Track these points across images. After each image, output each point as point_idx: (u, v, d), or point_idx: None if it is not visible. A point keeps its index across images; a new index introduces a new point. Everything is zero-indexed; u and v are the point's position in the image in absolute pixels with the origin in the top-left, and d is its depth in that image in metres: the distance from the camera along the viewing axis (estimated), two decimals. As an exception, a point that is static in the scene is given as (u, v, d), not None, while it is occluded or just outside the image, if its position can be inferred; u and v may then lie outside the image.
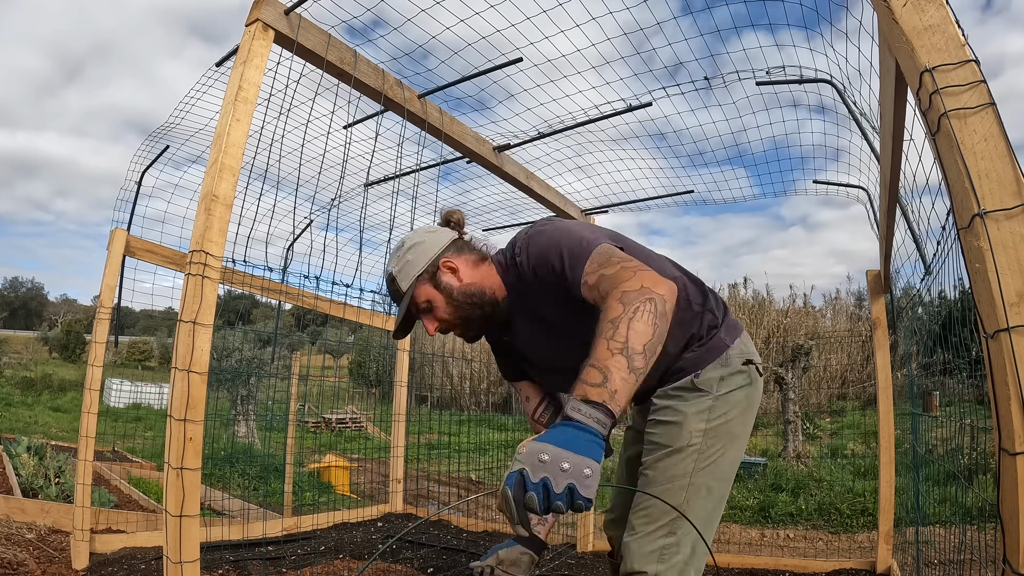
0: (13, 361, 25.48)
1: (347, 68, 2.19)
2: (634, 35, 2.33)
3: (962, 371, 3.58)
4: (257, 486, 6.88)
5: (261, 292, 3.64)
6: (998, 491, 0.87)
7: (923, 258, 2.45)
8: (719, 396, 1.33)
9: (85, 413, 2.81)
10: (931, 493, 2.94)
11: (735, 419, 1.34)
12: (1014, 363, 0.84)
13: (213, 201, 1.67)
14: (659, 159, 3.33)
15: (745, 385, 1.37)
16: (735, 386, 1.35)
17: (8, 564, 2.59)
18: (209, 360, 1.61)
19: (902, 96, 1.43)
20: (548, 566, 3.13)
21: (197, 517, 1.54)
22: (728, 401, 1.34)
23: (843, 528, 5.55)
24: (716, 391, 1.33)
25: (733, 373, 1.35)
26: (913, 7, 0.99)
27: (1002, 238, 0.88)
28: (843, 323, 16.21)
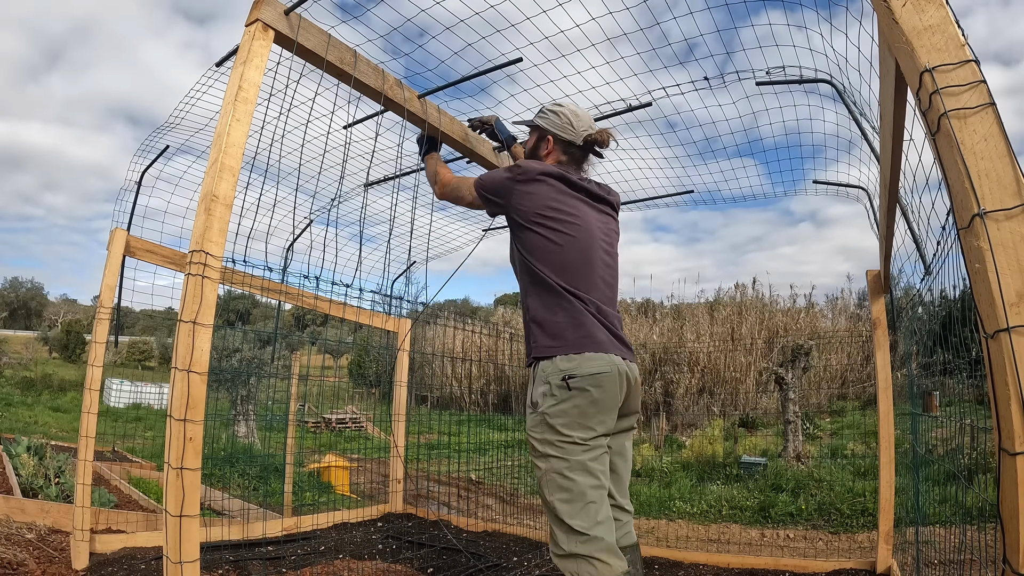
0: (13, 361, 25.48)
1: (347, 68, 2.19)
2: (634, 35, 2.33)
3: (962, 371, 3.57)
4: (257, 486, 6.88)
5: (261, 292, 3.64)
6: (998, 491, 0.87)
7: (923, 258, 2.45)
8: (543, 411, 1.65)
9: (85, 413, 2.81)
10: (931, 493, 2.94)
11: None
12: (1014, 363, 0.84)
13: (213, 201, 1.67)
14: (659, 159, 3.33)
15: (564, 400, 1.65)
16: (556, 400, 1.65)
17: (8, 564, 2.59)
18: (209, 360, 1.61)
19: (902, 96, 1.43)
20: (548, 566, 3.13)
21: (197, 517, 1.54)
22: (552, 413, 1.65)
23: (843, 528, 5.55)
24: (542, 407, 1.66)
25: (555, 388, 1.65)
26: (913, 7, 0.99)
27: (1002, 238, 0.88)
28: (843, 323, 16.20)
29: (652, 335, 15.48)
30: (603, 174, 3.55)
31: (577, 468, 1.60)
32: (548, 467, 1.62)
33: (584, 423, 1.63)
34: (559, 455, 1.62)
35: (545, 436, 1.63)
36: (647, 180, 3.59)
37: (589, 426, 1.63)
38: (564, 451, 1.61)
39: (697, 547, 4.86)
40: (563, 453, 1.61)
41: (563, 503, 1.59)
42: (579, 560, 1.55)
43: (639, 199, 3.81)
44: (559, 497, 1.59)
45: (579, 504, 1.58)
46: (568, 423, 1.62)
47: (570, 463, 1.61)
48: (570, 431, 1.62)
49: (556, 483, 1.60)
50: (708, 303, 16.31)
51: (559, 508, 1.59)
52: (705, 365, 13.78)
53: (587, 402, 1.63)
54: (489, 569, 2.97)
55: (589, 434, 1.63)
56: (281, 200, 3.43)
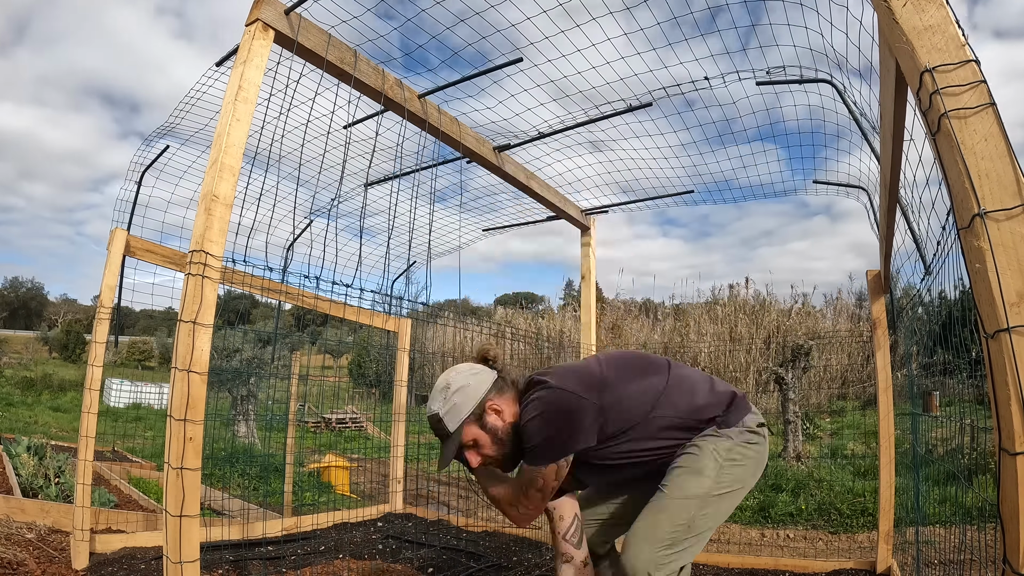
0: (13, 361, 25.48)
1: (347, 68, 2.19)
2: (635, 35, 2.33)
3: (962, 371, 3.57)
4: (257, 486, 6.88)
5: (261, 292, 3.63)
6: (998, 491, 0.87)
7: (923, 258, 2.45)
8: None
9: (85, 413, 2.81)
10: (931, 493, 2.94)
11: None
12: (1014, 363, 0.84)
13: (213, 201, 1.67)
14: (659, 159, 3.33)
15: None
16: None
17: (8, 564, 2.59)
18: (209, 360, 1.61)
19: (902, 96, 1.43)
20: (548, 566, 3.13)
21: (197, 517, 1.54)
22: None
23: (843, 528, 5.55)
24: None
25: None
26: (913, 7, 0.99)
27: (1002, 238, 0.88)
28: (844, 323, 16.19)
29: (653, 335, 15.49)
30: (612, 172, 3.55)
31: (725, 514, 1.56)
32: (716, 504, 1.51)
33: (755, 474, 1.61)
34: (733, 498, 1.55)
35: (736, 473, 1.53)
36: (647, 180, 3.59)
37: (754, 479, 1.62)
38: (736, 496, 1.56)
39: (697, 547, 4.85)
40: (735, 498, 1.56)
41: (698, 542, 1.51)
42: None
43: (639, 199, 3.81)
44: (697, 536, 1.50)
45: (700, 547, 1.53)
46: (754, 469, 1.59)
47: (730, 508, 1.56)
48: (751, 477, 1.59)
49: (709, 523, 1.51)
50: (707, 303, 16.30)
51: (691, 547, 1.48)
52: (705, 365, 13.77)
53: (761, 459, 1.62)
54: (489, 569, 2.97)
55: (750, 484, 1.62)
56: (281, 200, 3.43)
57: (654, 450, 1.58)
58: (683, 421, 1.58)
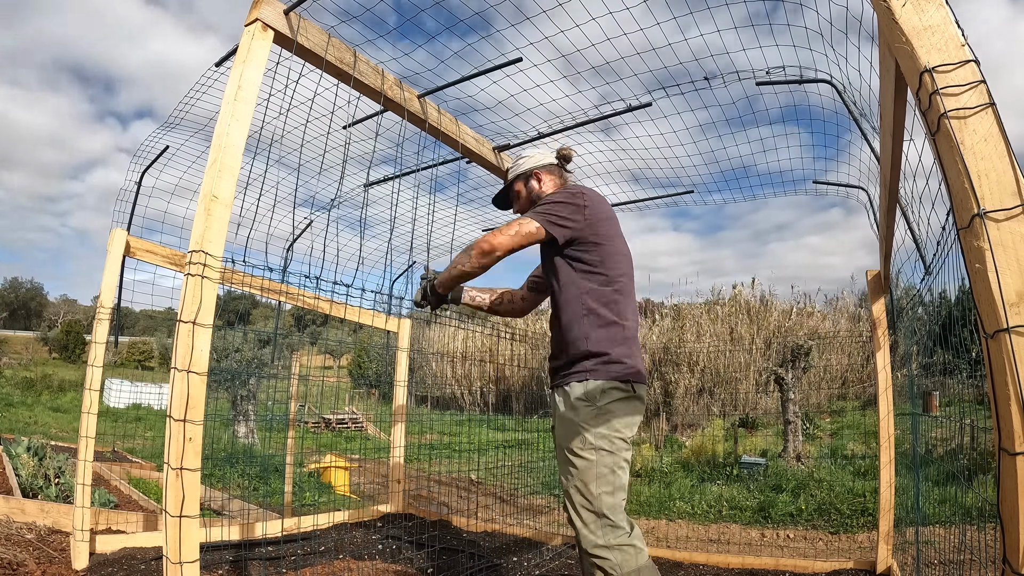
0: (13, 361, 25.49)
1: (347, 68, 2.19)
2: (635, 35, 2.33)
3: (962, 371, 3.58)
4: (257, 486, 6.87)
5: (261, 292, 3.63)
6: (998, 491, 0.87)
7: (923, 258, 2.45)
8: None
9: (85, 413, 2.81)
10: (931, 493, 2.94)
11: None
12: (1014, 363, 0.84)
13: (213, 201, 1.67)
14: (659, 159, 3.33)
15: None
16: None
17: (8, 564, 2.59)
18: (209, 360, 1.61)
19: (902, 96, 1.43)
20: (548, 566, 3.13)
21: (197, 517, 1.54)
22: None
23: (843, 528, 5.54)
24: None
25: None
26: (913, 7, 0.99)
27: (1002, 238, 0.88)
28: (844, 323, 16.18)
29: (651, 335, 15.47)
30: (602, 174, 3.56)
31: (623, 464, 1.73)
32: (598, 459, 1.70)
33: (633, 423, 1.78)
34: (612, 450, 1.72)
35: (602, 430, 1.72)
36: (646, 180, 3.60)
37: (634, 425, 1.78)
38: (615, 447, 1.72)
39: (697, 547, 4.86)
40: (615, 448, 1.72)
41: (608, 495, 1.68)
42: (619, 550, 1.65)
43: (639, 199, 3.81)
44: (604, 491, 1.69)
45: (620, 497, 1.70)
46: (624, 421, 1.75)
47: (619, 459, 1.73)
48: (626, 428, 1.75)
49: (604, 478, 1.69)
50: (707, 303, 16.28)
51: (604, 501, 1.68)
52: (705, 365, 13.77)
53: (638, 405, 1.81)
54: (489, 569, 2.97)
55: (633, 433, 1.78)
56: (281, 200, 3.43)
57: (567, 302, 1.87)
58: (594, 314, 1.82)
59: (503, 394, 17.99)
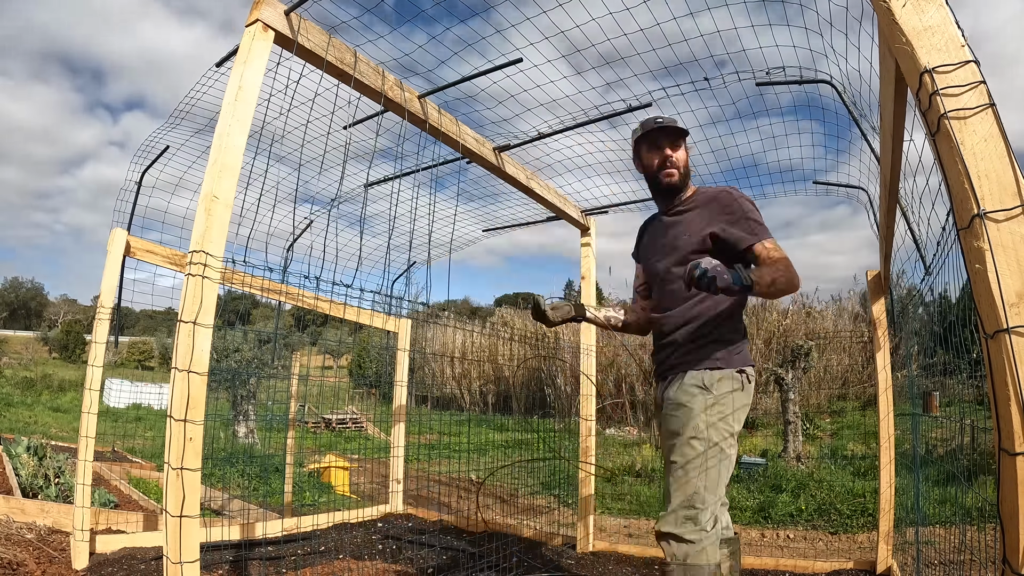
0: (13, 361, 25.48)
1: (347, 69, 2.19)
2: (634, 35, 2.33)
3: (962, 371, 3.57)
4: (257, 486, 6.87)
5: (261, 292, 3.64)
6: (998, 491, 0.87)
7: (923, 258, 2.45)
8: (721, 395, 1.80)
9: (85, 413, 2.81)
10: (931, 493, 2.94)
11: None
12: (1014, 363, 0.84)
13: (213, 201, 1.67)
14: (659, 159, 3.32)
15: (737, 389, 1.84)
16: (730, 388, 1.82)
17: (8, 564, 2.59)
18: (209, 360, 1.61)
19: (902, 96, 1.43)
20: (548, 567, 3.13)
21: (197, 517, 1.54)
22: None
23: (843, 528, 5.54)
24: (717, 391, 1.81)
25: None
26: (913, 8, 0.99)
27: (1002, 238, 0.88)
28: (845, 324, 16.18)
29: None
30: (601, 174, 3.55)
31: (730, 461, 1.77)
32: (715, 454, 1.71)
33: (742, 421, 1.84)
34: (728, 448, 1.75)
35: (725, 424, 1.76)
36: (637, 183, 3.59)
37: (742, 424, 1.85)
38: (731, 443, 1.76)
39: (697, 547, 4.85)
40: (730, 446, 1.76)
41: (708, 493, 1.67)
42: (694, 545, 1.63)
43: (639, 199, 3.80)
44: (708, 485, 1.67)
45: (718, 495, 1.70)
46: (740, 419, 1.82)
47: (731, 456, 1.76)
48: (740, 426, 1.81)
49: (718, 472, 1.70)
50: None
51: (704, 496, 1.66)
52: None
53: (748, 405, 1.85)
54: (489, 569, 2.97)
55: (740, 431, 1.84)
56: (281, 200, 3.43)
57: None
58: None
59: (503, 394, 17.99)
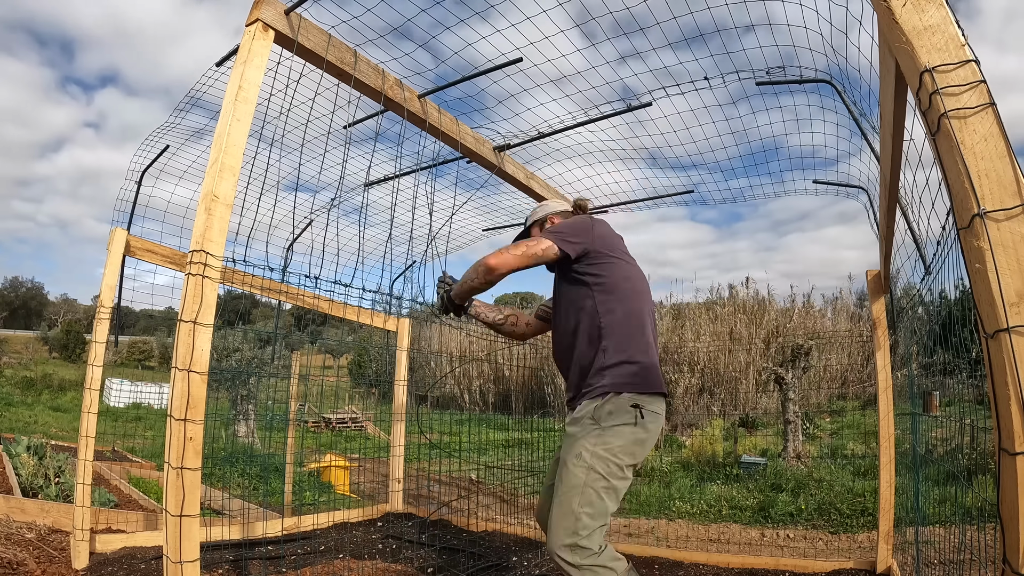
0: (13, 361, 25.47)
1: (347, 68, 2.19)
2: (635, 35, 2.33)
3: (962, 371, 3.58)
4: (257, 486, 6.87)
5: (261, 292, 3.63)
6: (998, 491, 0.87)
7: (923, 258, 2.45)
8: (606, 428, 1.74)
9: (85, 413, 2.81)
10: (931, 493, 2.94)
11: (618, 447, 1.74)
12: (1014, 363, 0.84)
13: (213, 201, 1.67)
14: (659, 158, 3.33)
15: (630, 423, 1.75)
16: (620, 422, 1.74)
17: (8, 564, 2.59)
18: (209, 360, 1.61)
19: (902, 96, 1.43)
20: (548, 566, 3.13)
21: (197, 517, 1.54)
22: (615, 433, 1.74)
23: (843, 528, 5.54)
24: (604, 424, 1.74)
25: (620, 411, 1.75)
26: (913, 7, 0.99)
27: (1002, 238, 0.88)
28: (844, 323, 16.18)
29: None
30: (601, 173, 3.56)
31: (614, 492, 1.71)
32: (592, 482, 1.69)
33: (637, 453, 1.76)
34: (609, 477, 1.70)
35: (607, 455, 1.71)
36: (638, 183, 3.60)
37: (638, 456, 1.76)
38: (615, 474, 1.71)
39: (697, 547, 4.86)
40: (613, 477, 1.71)
41: (588, 517, 1.67)
42: (589, 570, 1.64)
43: (639, 199, 3.80)
44: (586, 511, 1.67)
45: (597, 523, 1.67)
46: (629, 450, 1.74)
47: (612, 486, 1.71)
48: (629, 457, 1.73)
49: (590, 500, 1.68)
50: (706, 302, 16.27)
51: (580, 521, 1.66)
52: (704, 365, 13.76)
53: (646, 436, 1.77)
54: (489, 569, 2.97)
55: (635, 463, 1.77)
56: (281, 200, 3.43)
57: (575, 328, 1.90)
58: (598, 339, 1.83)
59: (503, 394, 17.99)
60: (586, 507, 1.67)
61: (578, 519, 1.66)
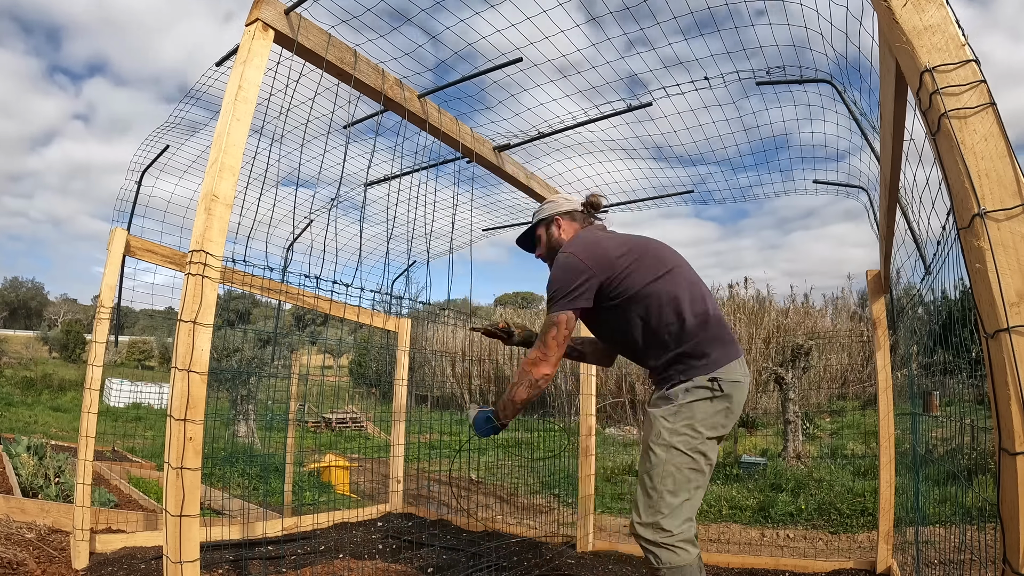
0: (13, 361, 25.47)
1: (347, 68, 2.19)
2: (635, 35, 2.33)
3: (962, 371, 3.58)
4: (257, 486, 6.87)
5: (261, 292, 3.63)
6: (998, 491, 0.87)
7: (923, 258, 2.45)
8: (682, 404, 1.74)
9: (85, 413, 2.81)
10: (931, 493, 2.94)
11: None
12: (1014, 363, 0.84)
13: (213, 201, 1.67)
14: (659, 158, 3.33)
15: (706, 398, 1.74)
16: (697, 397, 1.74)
17: (8, 564, 2.59)
18: (209, 360, 1.61)
19: (902, 96, 1.43)
20: (548, 566, 3.13)
21: (197, 517, 1.54)
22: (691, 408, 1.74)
23: (843, 528, 5.54)
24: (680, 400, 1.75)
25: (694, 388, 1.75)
26: (913, 7, 0.99)
27: (1002, 238, 0.87)
28: (844, 323, 16.18)
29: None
30: (602, 173, 3.56)
31: (692, 464, 1.71)
32: (666, 458, 1.70)
33: (716, 423, 1.74)
34: (685, 450, 1.70)
35: (679, 427, 1.71)
36: (638, 182, 3.60)
37: (719, 426, 1.75)
38: (690, 446, 1.70)
39: (697, 547, 4.85)
40: (688, 448, 1.70)
41: (668, 494, 1.68)
42: (663, 547, 1.66)
43: (639, 199, 3.80)
44: (666, 488, 1.68)
45: (680, 497, 1.68)
46: (705, 421, 1.72)
47: (689, 459, 1.71)
48: (704, 428, 1.72)
49: (669, 474, 1.69)
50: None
51: (662, 498, 1.68)
52: (705, 365, 13.74)
53: (725, 406, 1.75)
54: (489, 569, 2.97)
55: (715, 433, 1.75)
56: (281, 199, 3.43)
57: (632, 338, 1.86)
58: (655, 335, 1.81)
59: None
60: (670, 484, 1.68)
61: (660, 496, 1.68)
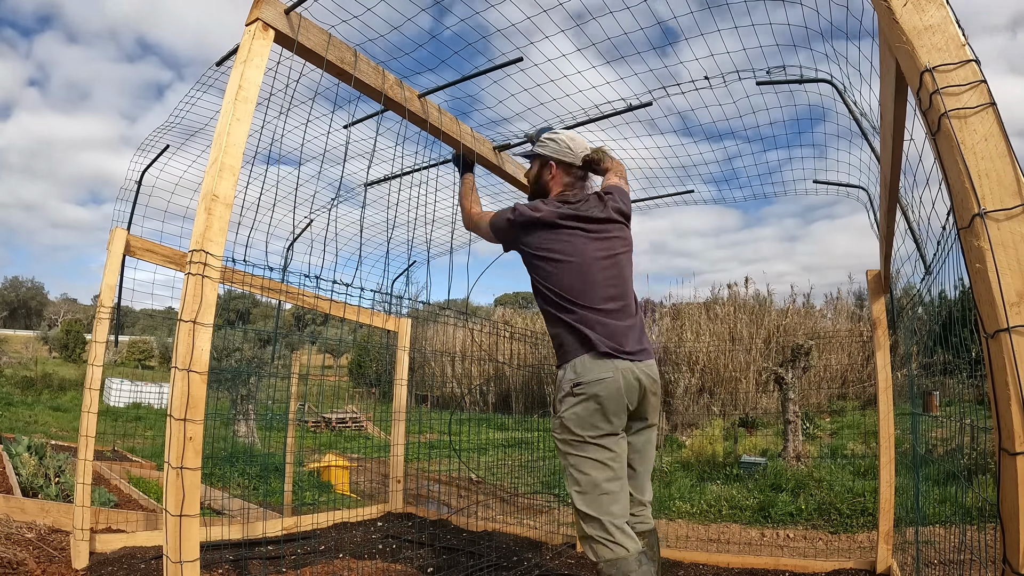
0: (13, 360, 25.46)
1: (347, 68, 2.19)
2: (635, 34, 2.33)
3: (962, 371, 3.58)
4: (257, 486, 6.87)
5: (261, 292, 3.63)
6: (998, 491, 0.87)
7: (923, 258, 2.45)
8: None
9: (85, 412, 2.81)
10: (931, 493, 2.94)
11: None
12: (1014, 363, 0.84)
13: (213, 201, 1.67)
14: (659, 158, 3.33)
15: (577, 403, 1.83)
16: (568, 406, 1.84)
17: (8, 563, 2.59)
18: (209, 360, 1.61)
19: (902, 96, 1.43)
20: (548, 566, 3.13)
21: (197, 517, 1.54)
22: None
23: (843, 528, 5.54)
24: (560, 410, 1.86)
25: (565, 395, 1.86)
26: (913, 7, 0.99)
27: (1002, 238, 0.87)
28: (844, 323, 16.18)
29: (650, 335, 15.46)
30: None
31: (589, 463, 1.81)
32: (567, 463, 1.85)
33: (593, 423, 1.82)
34: (575, 452, 1.82)
35: (563, 436, 1.85)
36: (646, 179, 3.59)
37: (597, 425, 1.82)
38: (578, 448, 1.82)
39: (697, 547, 4.86)
40: (577, 450, 1.82)
41: (578, 494, 1.81)
42: (595, 542, 1.77)
43: (639, 199, 3.80)
44: (575, 489, 1.82)
45: (592, 495, 1.79)
46: (579, 423, 1.82)
47: (583, 459, 1.81)
48: (581, 430, 1.82)
49: (572, 477, 1.83)
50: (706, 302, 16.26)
51: (575, 498, 1.82)
52: (704, 365, 13.75)
53: (594, 406, 1.82)
54: (489, 569, 2.97)
55: (597, 432, 1.82)
56: (281, 199, 3.42)
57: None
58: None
59: (503, 393, 17.98)
60: (574, 486, 1.83)
61: (573, 499, 1.84)
